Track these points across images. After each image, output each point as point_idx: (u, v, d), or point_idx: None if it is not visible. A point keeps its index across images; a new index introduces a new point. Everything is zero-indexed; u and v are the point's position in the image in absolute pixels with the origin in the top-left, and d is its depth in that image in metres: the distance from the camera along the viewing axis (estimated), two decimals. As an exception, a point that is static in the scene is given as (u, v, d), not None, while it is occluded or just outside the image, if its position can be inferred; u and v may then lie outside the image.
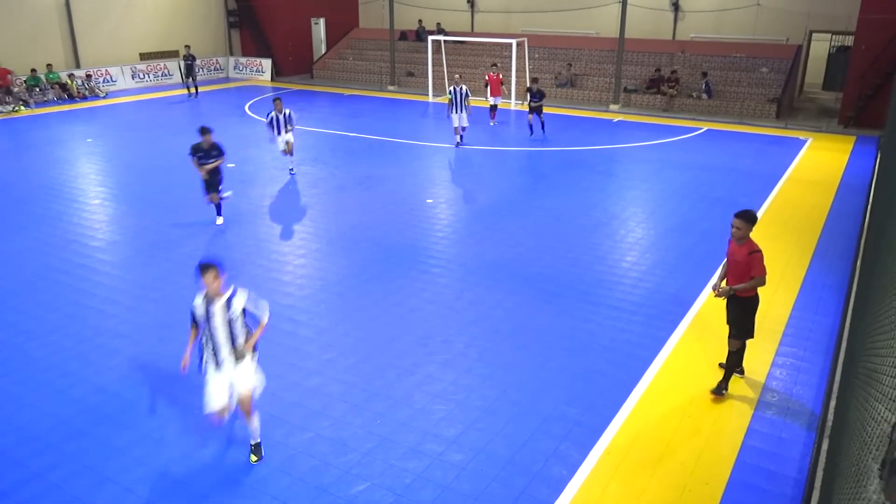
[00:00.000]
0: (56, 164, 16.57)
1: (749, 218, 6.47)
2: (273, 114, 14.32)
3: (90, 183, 15.09)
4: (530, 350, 7.81)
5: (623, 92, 24.55)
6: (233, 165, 16.02)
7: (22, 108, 23.36)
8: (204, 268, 5.53)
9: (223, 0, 31.92)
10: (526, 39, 25.57)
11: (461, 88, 17.30)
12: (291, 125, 14.49)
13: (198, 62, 26.21)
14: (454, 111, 17.53)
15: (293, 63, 32.07)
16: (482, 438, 6.25)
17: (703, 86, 23.63)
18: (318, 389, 7.00)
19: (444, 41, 27.07)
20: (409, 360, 7.55)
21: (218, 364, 5.63)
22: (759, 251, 6.42)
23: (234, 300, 5.56)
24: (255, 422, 5.90)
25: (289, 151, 14.64)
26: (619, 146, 18.57)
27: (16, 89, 23.96)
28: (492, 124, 20.78)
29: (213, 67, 31.88)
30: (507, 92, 23.49)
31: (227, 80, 31.69)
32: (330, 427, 6.38)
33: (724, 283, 6.79)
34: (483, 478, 5.74)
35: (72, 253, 10.78)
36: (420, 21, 31.28)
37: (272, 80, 31.13)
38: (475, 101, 21.70)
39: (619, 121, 22.43)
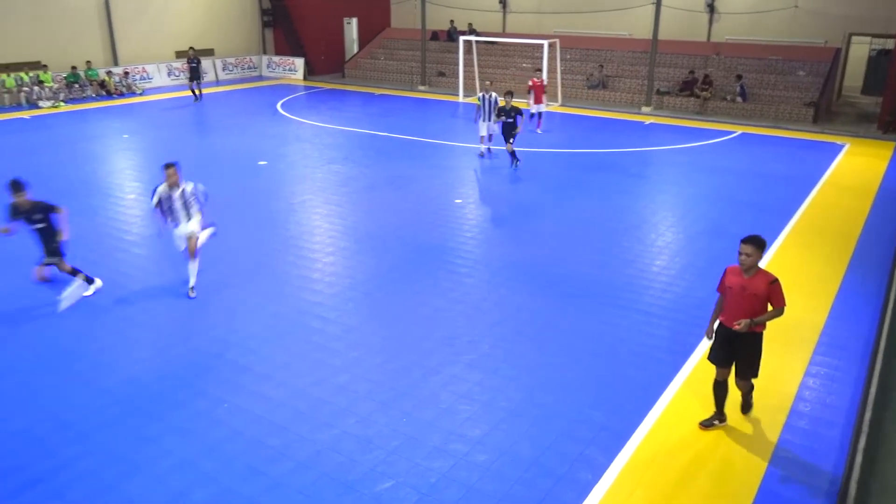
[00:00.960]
0: (93, 159, 16.92)
1: (761, 244, 5.89)
2: (162, 189, 8.93)
3: (126, 178, 15.39)
4: (557, 352, 7.77)
5: (656, 94, 24.30)
6: (265, 163, 16.21)
7: (62, 104, 23.90)
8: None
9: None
10: (558, 40, 25.45)
11: (491, 96, 16.80)
12: (195, 208, 9.12)
13: (203, 65, 25.28)
14: (482, 118, 17.10)
15: (325, 62, 32.34)
16: (507, 440, 6.23)
17: (738, 89, 23.27)
18: (345, 387, 7.04)
19: (476, 41, 27.06)
20: (435, 360, 7.56)
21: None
22: (778, 279, 5.95)
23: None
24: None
25: (191, 252, 9.09)
26: (650, 149, 18.38)
27: (56, 86, 24.54)
28: (538, 132, 19.87)
29: (246, 66, 32.30)
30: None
31: (260, 78, 32.06)
32: (356, 424, 6.42)
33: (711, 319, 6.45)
34: (507, 479, 5.72)
35: (107, 247, 11.00)
36: (452, 21, 31.33)
37: (305, 79, 31.42)
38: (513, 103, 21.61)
39: (651, 123, 22.20)
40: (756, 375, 6.22)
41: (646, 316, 8.67)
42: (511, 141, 15.74)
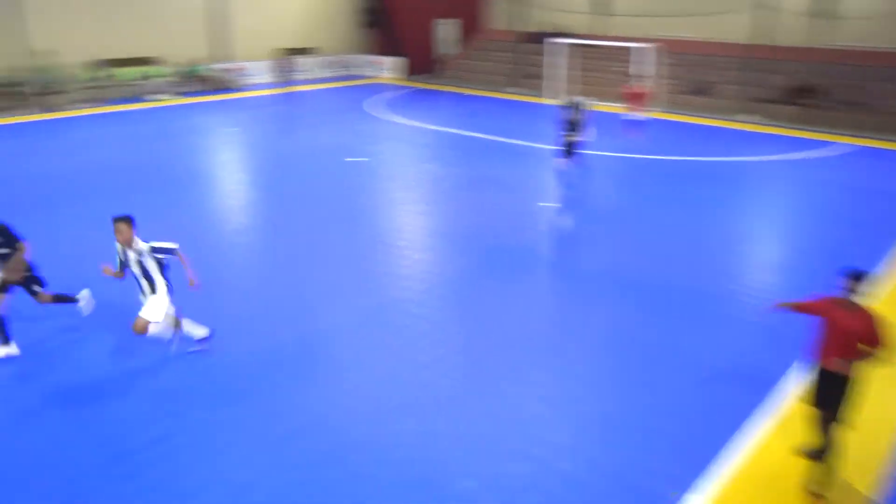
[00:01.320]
0: (198, 150, 17.80)
1: (863, 279, 5.35)
2: (119, 250, 7.07)
3: (229, 170, 16.11)
4: (644, 364, 7.56)
5: (759, 101, 23.27)
6: (362, 159, 16.58)
7: (171, 97, 25.31)
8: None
9: (356, 0, 33.23)
10: (655, 44, 24.77)
11: (580, 104, 16.36)
12: (158, 277, 7.17)
13: (296, 64, 26.37)
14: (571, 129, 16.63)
15: (420, 62, 32.75)
16: (591, 449, 6.12)
17: (849, 97, 21.95)
18: (428, 383, 7.10)
19: (569, 44, 26.71)
20: (519, 363, 7.52)
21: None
22: (880, 316, 5.35)
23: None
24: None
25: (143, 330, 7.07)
26: (752, 159, 17.63)
27: (166, 80, 26.04)
28: (633, 139, 18.84)
29: (343, 65, 33.21)
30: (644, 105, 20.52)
31: (356, 77, 32.82)
32: (439, 421, 6.46)
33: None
34: (589, 490, 5.62)
35: (210, 235, 11.53)
36: (545, 23, 31.06)
37: (399, 78, 31.93)
38: (605, 107, 21.27)
39: (753, 132, 21.29)
40: (840, 420, 5.42)
41: (740, 333, 8.32)
42: (569, 158, 14.04)
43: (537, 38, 30.77)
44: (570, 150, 14.15)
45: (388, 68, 32.48)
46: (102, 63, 24.96)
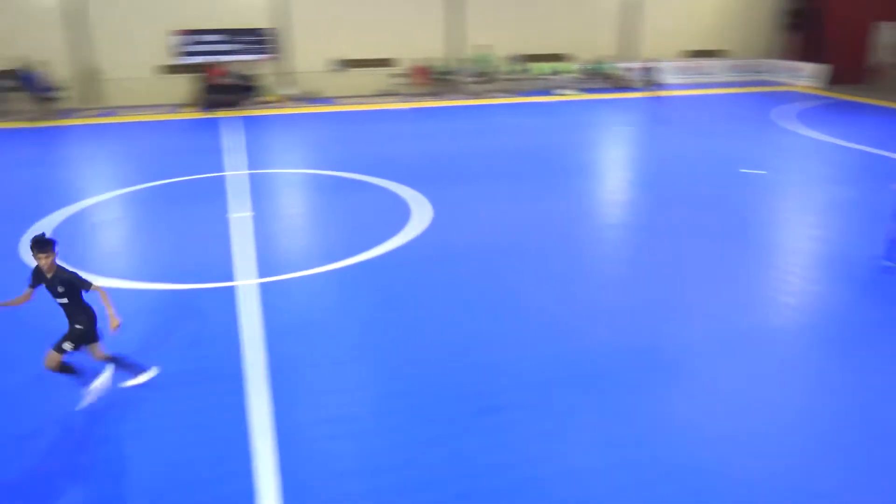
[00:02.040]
0: (589, 144, 18.49)
1: None
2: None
3: (615, 166, 16.41)
4: None
5: None
6: (751, 170, 15.32)
7: (577, 92, 26.77)
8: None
9: (781, 0, 30.56)
10: None
11: None
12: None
13: (655, 71, 25.03)
14: None
15: (846, 70, 28.56)
16: None
17: None
18: (794, 425, 6.26)
19: None
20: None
21: None
22: None
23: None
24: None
25: None
26: None
27: (574, 76, 27.60)
28: None
29: (756, 69, 30.94)
30: None
31: (766, 83, 30.24)
32: (800, 470, 5.67)
33: None
34: None
35: (589, 227, 11.90)
36: None
37: (818, 87, 28.42)
38: None
39: None
40: None
41: None
42: None
43: None
44: None
45: (807, 75, 29.09)
46: (520, 58, 27.55)
